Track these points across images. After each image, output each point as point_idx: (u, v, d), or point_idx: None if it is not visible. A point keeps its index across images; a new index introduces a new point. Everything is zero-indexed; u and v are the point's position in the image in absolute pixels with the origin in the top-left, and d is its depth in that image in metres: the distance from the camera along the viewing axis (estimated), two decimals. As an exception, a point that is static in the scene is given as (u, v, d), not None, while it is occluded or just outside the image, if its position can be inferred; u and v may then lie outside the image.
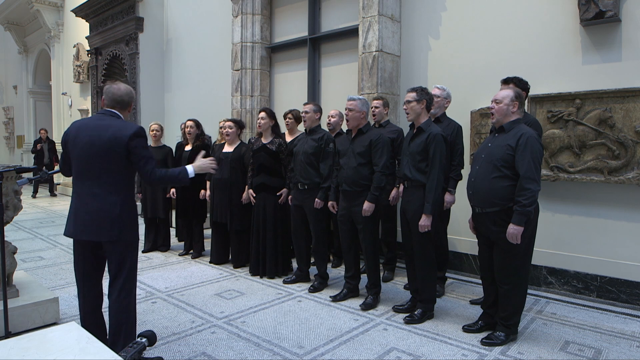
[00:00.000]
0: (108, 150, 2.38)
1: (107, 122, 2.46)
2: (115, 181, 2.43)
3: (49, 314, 3.19)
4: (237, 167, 4.58)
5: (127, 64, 8.65)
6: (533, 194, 2.73)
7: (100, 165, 2.41)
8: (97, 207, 2.40)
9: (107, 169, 2.41)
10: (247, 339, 3.01)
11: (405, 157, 3.35)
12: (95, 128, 2.44)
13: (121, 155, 2.39)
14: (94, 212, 2.40)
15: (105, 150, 2.39)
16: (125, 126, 2.44)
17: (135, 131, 2.43)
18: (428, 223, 3.16)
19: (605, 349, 2.90)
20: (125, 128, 2.42)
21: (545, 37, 3.94)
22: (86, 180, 2.44)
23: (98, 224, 2.40)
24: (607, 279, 3.69)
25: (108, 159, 2.39)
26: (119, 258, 2.46)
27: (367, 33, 4.77)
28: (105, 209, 2.39)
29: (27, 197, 10.49)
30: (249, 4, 6.42)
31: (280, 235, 4.36)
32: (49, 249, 5.52)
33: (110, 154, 2.39)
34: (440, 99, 3.74)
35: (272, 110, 4.51)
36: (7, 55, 16.37)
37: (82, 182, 2.45)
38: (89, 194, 2.42)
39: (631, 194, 3.58)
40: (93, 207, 2.40)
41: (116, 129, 2.41)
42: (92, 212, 2.40)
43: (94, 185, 2.42)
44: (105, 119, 2.48)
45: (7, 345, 1.31)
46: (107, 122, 2.46)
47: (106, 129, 2.41)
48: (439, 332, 3.14)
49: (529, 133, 2.79)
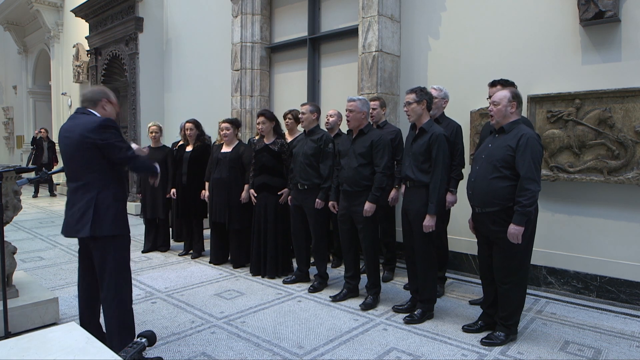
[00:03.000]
0: (79, 149, 2.41)
1: (77, 120, 2.49)
2: (93, 178, 2.44)
3: (48, 314, 3.19)
4: (235, 167, 4.59)
5: (127, 64, 8.64)
6: (533, 194, 2.73)
7: (76, 163, 2.45)
8: (77, 205, 2.45)
9: (82, 167, 2.44)
10: (247, 339, 3.01)
11: (407, 157, 3.35)
12: (68, 129, 2.49)
13: (92, 152, 2.40)
14: (75, 210, 2.45)
15: (77, 149, 2.42)
16: (90, 121, 2.43)
17: (99, 123, 2.41)
18: (432, 223, 3.16)
19: (605, 349, 2.90)
20: (91, 123, 2.42)
21: (545, 37, 3.94)
22: (69, 179, 2.53)
23: (77, 221, 2.43)
24: (607, 279, 3.69)
25: (81, 157, 2.42)
26: (100, 255, 2.46)
27: (367, 33, 4.77)
28: (83, 206, 2.42)
29: (28, 197, 10.49)
30: (248, 4, 6.42)
31: (281, 235, 4.36)
32: (49, 249, 5.52)
33: (81, 152, 2.41)
34: (437, 100, 3.73)
35: (271, 111, 4.50)
36: (7, 55, 16.36)
37: (68, 181, 2.55)
38: (72, 192, 2.50)
39: (631, 194, 3.58)
40: (74, 205, 2.47)
41: (82, 126, 2.42)
42: (73, 209, 2.47)
43: (75, 183, 2.48)
44: (77, 118, 2.51)
45: (7, 345, 1.30)
46: (77, 120, 2.48)
47: (75, 128, 2.44)
48: (439, 332, 3.14)
49: (530, 134, 2.79)
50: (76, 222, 2.43)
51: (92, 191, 2.42)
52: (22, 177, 3.10)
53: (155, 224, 5.42)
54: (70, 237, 2.51)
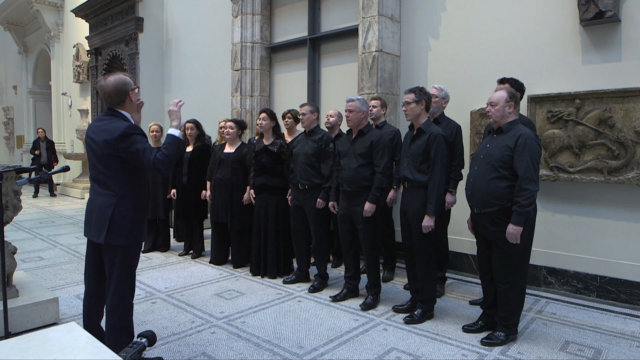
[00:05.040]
0: (103, 154, 2.39)
1: (103, 124, 2.43)
2: (115, 185, 2.42)
3: (48, 314, 3.19)
4: (238, 168, 4.59)
5: (127, 64, 8.64)
6: (532, 194, 2.73)
7: (99, 168, 2.44)
8: (95, 208, 2.45)
9: (105, 171, 2.42)
10: (247, 339, 3.01)
11: (405, 158, 3.35)
12: (95, 131, 2.46)
13: (115, 159, 2.38)
14: (93, 213, 2.46)
15: (101, 154, 2.40)
16: (115, 128, 2.36)
17: (122, 132, 2.35)
18: (431, 223, 3.16)
19: (605, 349, 2.90)
20: (115, 130, 2.36)
21: (545, 37, 3.94)
22: (92, 180, 2.53)
23: (94, 225, 2.44)
24: (607, 279, 3.69)
25: (104, 162, 2.41)
26: (110, 260, 2.47)
27: (367, 33, 4.77)
28: (100, 211, 2.42)
29: (28, 198, 10.49)
30: (248, 4, 6.42)
31: (282, 236, 4.36)
32: (49, 249, 5.52)
33: (105, 158, 2.40)
34: (438, 99, 3.74)
35: (273, 110, 4.50)
36: (7, 55, 16.38)
37: (91, 182, 2.55)
38: (93, 193, 2.51)
39: (631, 194, 3.58)
40: (93, 208, 2.47)
41: (108, 132, 2.37)
42: (92, 212, 2.47)
43: (97, 186, 2.48)
44: (104, 121, 2.46)
45: (7, 345, 1.31)
46: (104, 124, 2.43)
47: (101, 133, 2.40)
48: (439, 332, 3.14)
49: (527, 134, 2.79)
50: (93, 225, 2.44)
51: (112, 199, 2.41)
52: (22, 177, 3.11)
53: (155, 224, 5.42)
54: (88, 237, 2.53)
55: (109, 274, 2.48)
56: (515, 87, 3.26)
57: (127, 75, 2.55)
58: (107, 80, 2.46)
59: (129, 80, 2.51)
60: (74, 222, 7.43)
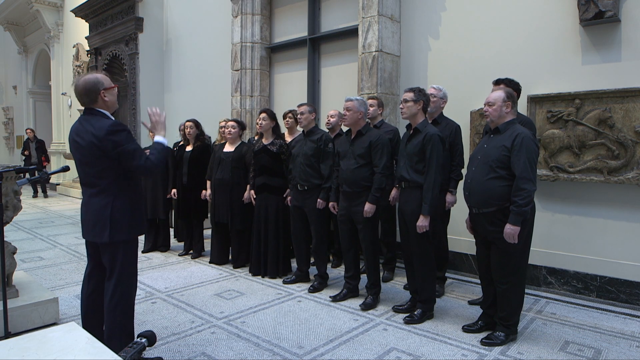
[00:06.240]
0: (90, 155, 2.38)
1: (85, 125, 2.41)
2: (108, 184, 2.42)
3: (48, 314, 3.19)
4: (238, 167, 4.59)
5: (127, 64, 8.64)
6: (529, 194, 2.73)
7: (88, 170, 2.43)
8: (91, 209, 2.45)
9: (95, 173, 2.42)
10: (247, 339, 3.01)
11: (402, 158, 3.35)
12: (78, 133, 2.43)
13: (103, 159, 2.37)
14: (89, 214, 2.46)
15: (89, 156, 2.39)
16: (100, 127, 2.34)
17: (108, 129, 2.32)
18: (426, 224, 3.16)
19: (605, 349, 2.90)
20: (100, 129, 2.33)
21: (545, 37, 3.94)
22: (83, 183, 2.51)
23: (92, 226, 2.45)
24: (606, 279, 3.69)
25: (94, 164, 2.40)
26: (109, 259, 2.47)
27: (367, 33, 4.77)
28: (98, 212, 2.42)
29: (28, 197, 10.48)
30: (248, 4, 6.42)
31: (282, 236, 4.36)
32: (49, 249, 5.52)
33: (94, 160, 2.38)
34: (436, 99, 3.73)
35: (273, 110, 4.51)
36: (7, 55, 16.37)
37: (81, 184, 2.53)
38: (87, 195, 2.49)
39: (631, 194, 3.58)
40: (89, 209, 2.47)
41: (91, 133, 2.35)
42: (88, 213, 2.47)
43: (89, 189, 2.47)
44: (85, 121, 2.43)
45: (7, 345, 1.31)
46: (86, 125, 2.40)
47: (86, 134, 2.38)
48: (439, 332, 3.14)
49: (524, 133, 2.79)
50: (93, 226, 2.44)
51: (108, 197, 2.41)
52: (22, 177, 3.11)
53: (155, 224, 5.42)
54: (87, 239, 2.53)
55: (109, 272, 2.48)
56: (510, 86, 3.26)
57: (105, 75, 2.51)
58: (79, 80, 2.43)
59: (101, 79, 2.44)
60: (74, 222, 7.42)
